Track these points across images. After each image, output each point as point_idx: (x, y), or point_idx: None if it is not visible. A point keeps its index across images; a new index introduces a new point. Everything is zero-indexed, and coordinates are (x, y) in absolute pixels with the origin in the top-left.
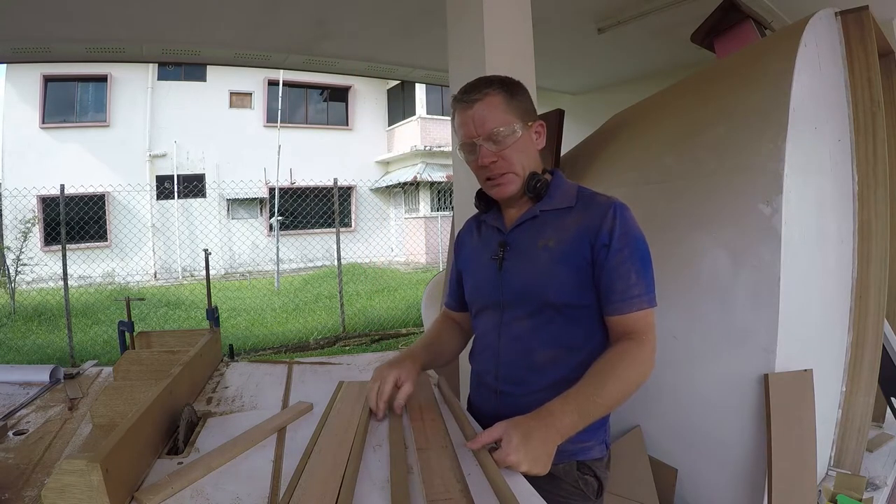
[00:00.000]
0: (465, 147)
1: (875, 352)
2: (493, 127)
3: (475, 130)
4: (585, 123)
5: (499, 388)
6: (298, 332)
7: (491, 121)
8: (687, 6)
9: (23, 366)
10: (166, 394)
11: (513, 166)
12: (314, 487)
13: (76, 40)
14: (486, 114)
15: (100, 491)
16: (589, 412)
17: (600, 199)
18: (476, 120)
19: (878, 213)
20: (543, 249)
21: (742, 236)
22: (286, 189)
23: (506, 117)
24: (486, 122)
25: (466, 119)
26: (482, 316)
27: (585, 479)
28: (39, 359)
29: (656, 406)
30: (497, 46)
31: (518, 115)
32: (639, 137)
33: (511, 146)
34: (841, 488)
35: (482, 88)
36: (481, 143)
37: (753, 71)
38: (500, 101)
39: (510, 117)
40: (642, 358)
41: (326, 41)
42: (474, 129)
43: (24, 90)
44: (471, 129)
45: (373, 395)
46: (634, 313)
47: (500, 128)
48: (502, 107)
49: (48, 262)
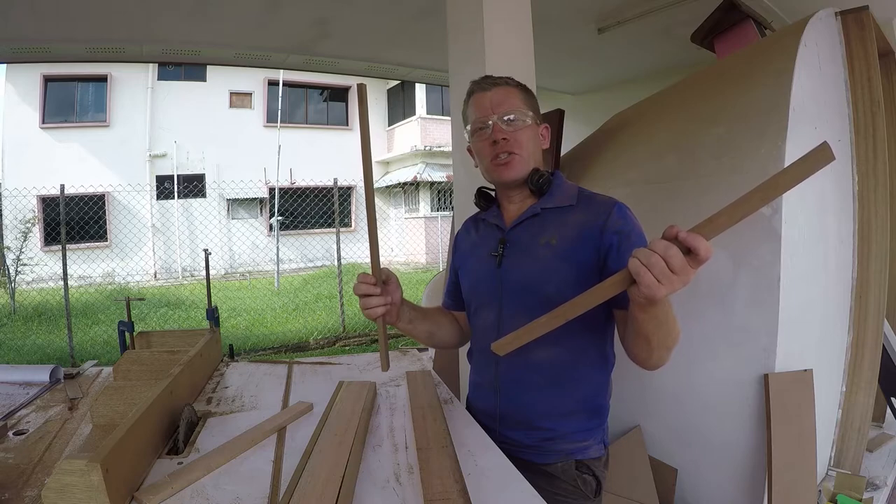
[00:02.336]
0: (478, 126)
1: (875, 352)
2: (508, 108)
3: (492, 109)
4: (585, 123)
5: (498, 388)
6: (298, 332)
7: (507, 104)
8: (687, 6)
9: (23, 366)
10: (166, 394)
11: (522, 148)
12: (314, 487)
13: (76, 40)
14: (503, 97)
15: (100, 491)
16: (669, 320)
17: (601, 199)
18: (493, 101)
19: (878, 213)
20: (545, 246)
21: (742, 236)
22: (286, 189)
23: (521, 105)
24: (503, 104)
25: (483, 100)
26: (480, 313)
27: (584, 478)
28: (39, 359)
29: (656, 406)
30: (497, 46)
31: (531, 109)
32: (639, 137)
33: (522, 130)
34: (841, 488)
35: (502, 77)
36: (495, 120)
37: (753, 71)
38: (517, 92)
39: (525, 108)
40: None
41: (326, 41)
42: (490, 108)
43: (24, 90)
44: (487, 109)
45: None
46: None
47: (516, 111)
48: (518, 96)
49: (48, 262)
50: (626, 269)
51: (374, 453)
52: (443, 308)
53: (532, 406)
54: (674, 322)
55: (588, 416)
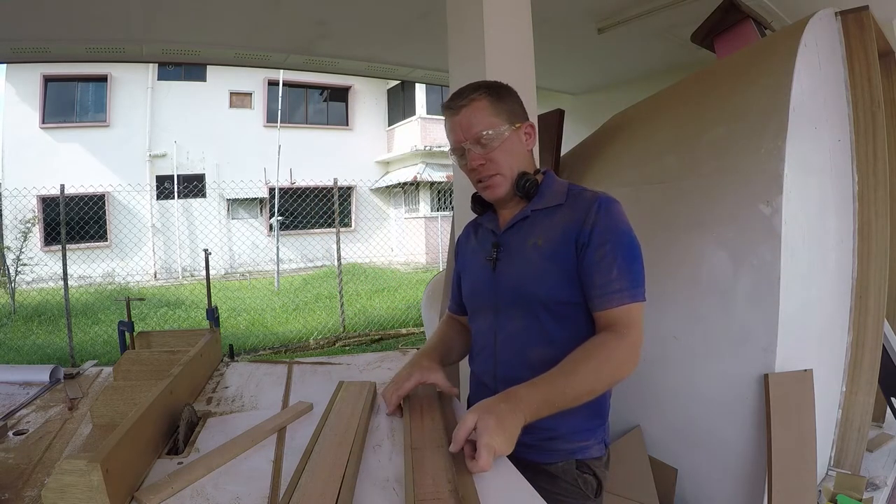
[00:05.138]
0: (456, 152)
1: (875, 352)
2: (479, 130)
3: (463, 135)
4: (585, 123)
5: (497, 389)
6: (298, 332)
7: (477, 125)
8: (687, 6)
9: (23, 366)
10: (166, 394)
11: (500, 168)
12: (314, 487)
13: (76, 40)
14: (472, 119)
15: (100, 491)
16: (555, 402)
17: (587, 195)
18: (463, 125)
19: (878, 213)
20: (533, 248)
21: (742, 236)
22: (286, 189)
23: (492, 120)
24: (473, 126)
25: (455, 125)
26: (479, 317)
27: (584, 477)
28: (39, 359)
29: (656, 406)
30: (497, 46)
31: (505, 117)
32: (639, 137)
33: (498, 148)
34: (841, 488)
35: (468, 94)
36: (469, 146)
37: (753, 71)
38: (486, 105)
39: (496, 120)
40: (620, 352)
41: (326, 41)
42: (462, 133)
43: (24, 90)
44: (459, 134)
45: (389, 389)
46: (616, 309)
47: (487, 131)
48: (488, 110)
49: (48, 262)
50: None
51: (374, 453)
52: (449, 319)
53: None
54: (574, 392)
55: (589, 415)
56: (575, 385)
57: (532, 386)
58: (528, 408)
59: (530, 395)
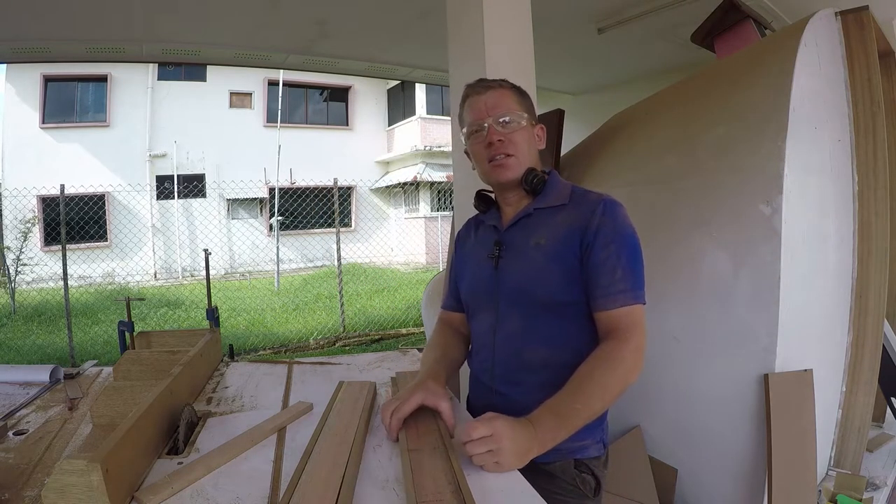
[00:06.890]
0: (473, 129)
1: (875, 352)
2: (503, 111)
3: (487, 112)
4: (585, 123)
5: (495, 388)
6: (298, 333)
7: (502, 106)
8: (687, 6)
9: (23, 366)
10: (166, 394)
11: (517, 150)
12: (314, 487)
13: (76, 40)
14: (498, 100)
15: (100, 491)
16: (570, 421)
17: (591, 196)
18: (489, 103)
19: (878, 213)
20: (536, 248)
21: (742, 236)
22: (286, 189)
23: (515, 107)
24: (498, 106)
25: (479, 103)
26: (478, 315)
27: (583, 477)
28: (39, 359)
29: (656, 406)
30: (497, 46)
31: (525, 110)
32: (639, 137)
33: (517, 131)
34: (841, 488)
35: (495, 81)
36: (490, 122)
37: (753, 71)
38: (511, 94)
39: (519, 109)
40: (624, 360)
41: (326, 41)
42: (486, 111)
43: (24, 90)
44: (483, 111)
45: (387, 411)
46: (618, 309)
47: (510, 114)
48: (513, 98)
49: (48, 262)
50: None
51: (374, 453)
52: (445, 327)
53: (530, 405)
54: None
55: None
56: (586, 402)
57: (545, 409)
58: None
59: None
